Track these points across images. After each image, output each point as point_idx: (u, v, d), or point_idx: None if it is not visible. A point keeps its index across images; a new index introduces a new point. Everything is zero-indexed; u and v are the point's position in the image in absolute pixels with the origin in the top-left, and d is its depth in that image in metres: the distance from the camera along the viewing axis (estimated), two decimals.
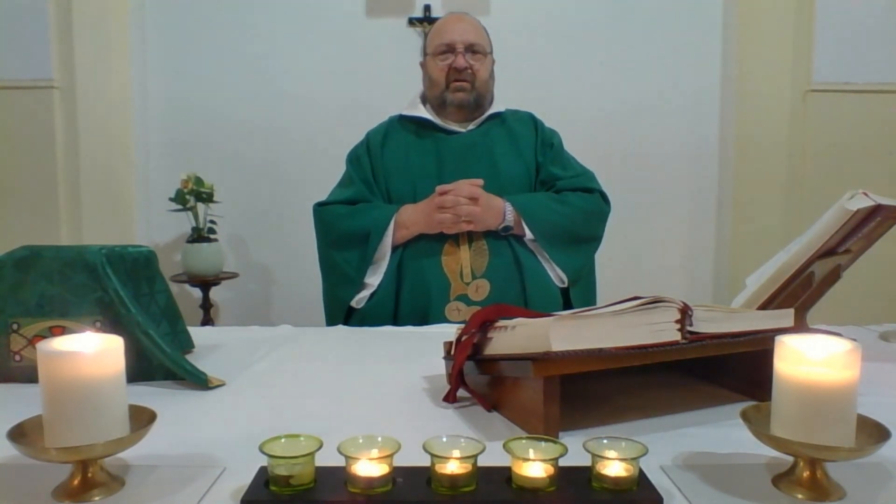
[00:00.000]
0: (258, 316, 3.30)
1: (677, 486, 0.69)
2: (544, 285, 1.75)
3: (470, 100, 1.85)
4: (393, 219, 1.73)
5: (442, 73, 1.84)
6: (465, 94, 1.84)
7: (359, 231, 1.76)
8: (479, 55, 1.85)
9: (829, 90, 2.97)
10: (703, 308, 0.88)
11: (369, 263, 1.75)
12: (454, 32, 1.84)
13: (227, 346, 1.31)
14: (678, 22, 3.24)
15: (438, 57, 1.85)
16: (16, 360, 1.06)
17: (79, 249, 1.08)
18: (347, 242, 1.78)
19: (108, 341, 0.69)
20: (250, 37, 3.23)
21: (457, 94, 1.84)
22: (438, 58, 1.85)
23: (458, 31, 1.84)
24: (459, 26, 1.86)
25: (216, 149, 3.26)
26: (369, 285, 1.75)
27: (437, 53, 1.85)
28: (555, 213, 1.77)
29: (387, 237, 1.73)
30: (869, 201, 1.06)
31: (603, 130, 3.20)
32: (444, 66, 1.83)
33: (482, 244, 1.73)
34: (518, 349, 0.85)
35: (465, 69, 1.82)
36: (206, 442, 0.82)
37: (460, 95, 1.84)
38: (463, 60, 1.81)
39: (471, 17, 1.91)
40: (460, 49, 1.82)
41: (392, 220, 1.73)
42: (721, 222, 3.30)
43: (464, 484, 0.65)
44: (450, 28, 1.87)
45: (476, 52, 1.84)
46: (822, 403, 0.65)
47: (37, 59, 2.74)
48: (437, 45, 1.85)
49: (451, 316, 1.69)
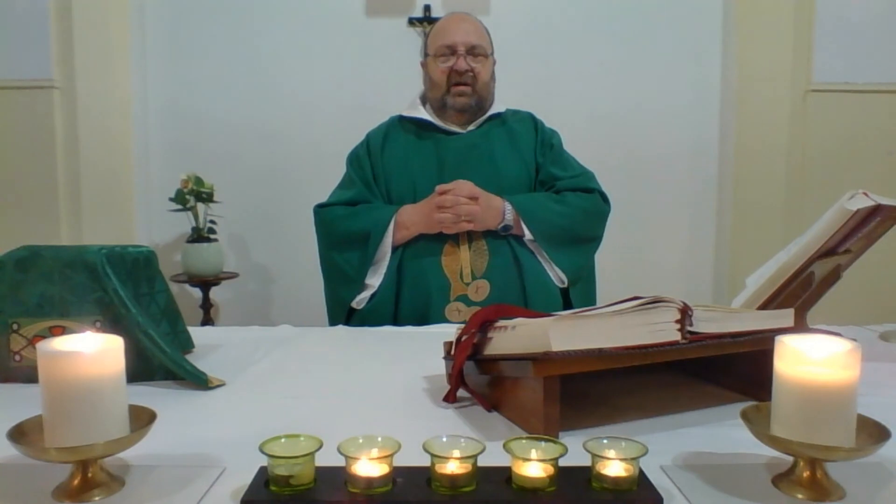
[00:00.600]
0: (258, 316, 3.30)
1: (677, 486, 0.69)
2: (544, 286, 1.75)
3: (471, 103, 1.84)
4: (393, 219, 1.73)
5: (443, 76, 1.83)
6: (466, 98, 1.83)
7: (359, 232, 1.76)
8: (480, 57, 1.84)
9: (829, 90, 2.97)
10: (703, 308, 0.88)
11: (370, 264, 1.75)
12: (455, 34, 1.83)
13: (227, 346, 1.31)
14: (678, 22, 3.24)
15: (439, 58, 1.84)
16: (16, 360, 1.06)
17: (79, 249, 1.08)
18: (348, 243, 1.78)
19: (108, 341, 0.69)
20: (250, 37, 3.23)
21: (458, 98, 1.83)
22: (439, 59, 1.84)
23: (460, 33, 1.83)
24: (461, 27, 1.85)
25: (216, 149, 3.26)
26: (370, 286, 1.75)
27: (439, 55, 1.84)
28: (554, 213, 1.77)
29: (387, 237, 1.73)
30: (869, 201, 1.06)
31: (603, 130, 3.20)
32: (445, 68, 1.83)
33: (482, 245, 1.73)
34: (518, 349, 0.85)
35: (466, 72, 1.81)
36: (206, 442, 0.82)
37: (461, 100, 1.83)
38: (464, 63, 1.81)
39: (472, 18, 1.90)
40: (461, 51, 1.81)
41: (392, 221, 1.73)
42: (721, 222, 3.30)
43: (464, 484, 0.65)
44: (451, 29, 1.86)
45: (477, 55, 1.83)
46: (822, 403, 0.65)
47: (37, 59, 2.75)
48: (439, 47, 1.84)
49: (451, 316, 1.69)
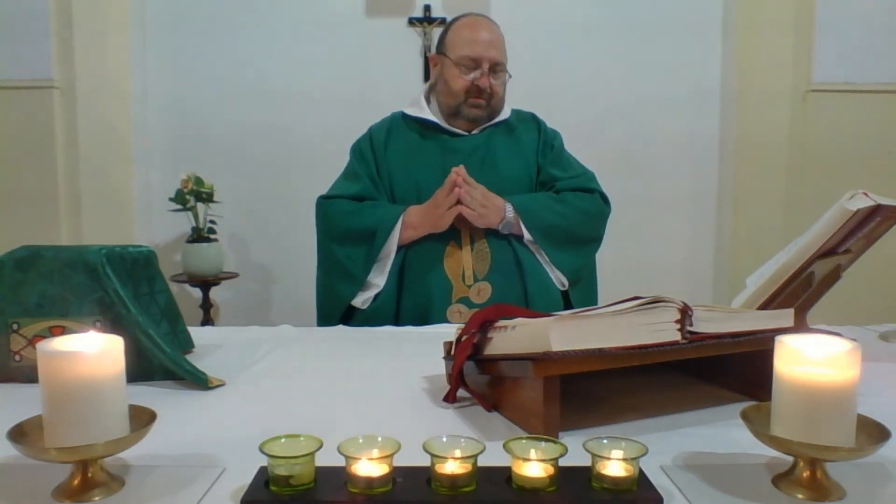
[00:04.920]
0: (258, 316, 3.30)
1: (677, 486, 0.69)
2: (546, 288, 1.75)
3: (484, 115, 1.85)
4: (400, 219, 1.73)
5: (463, 87, 1.81)
6: (480, 110, 1.84)
7: (365, 229, 1.75)
8: (500, 73, 1.83)
9: (829, 90, 2.97)
10: (703, 308, 0.88)
11: (374, 262, 1.74)
12: (482, 46, 1.80)
13: (227, 346, 1.31)
14: (678, 22, 3.24)
15: (461, 67, 1.81)
16: (16, 360, 1.06)
17: (79, 249, 1.08)
18: (352, 239, 1.77)
19: (108, 341, 0.69)
20: (250, 37, 3.23)
21: (473, 110, 1.83)
22: (461, 68, 1.81)
23: (486, 46, 1.80)
24: (487, 39, 1.81)
25: (216, 149, 3.26)
26: (374, 285, 1.74)
27: (461, 64, 1.81)
28: (553, 213, 1.76)
29: (393, 236, 1.72)
30: (869, 201, 1.06)
31: (603, 130, 3.20)
32: (467, 80, 1.80)
33: (484, 247, 1.73)
34: (518, 349, 0.85)
35: (485, 90, 1.81)
36: (206, 442, 0.82)
37: (476, 111, 1.83)
38: (486, 81, 1.80)
39: (496, 28, 1.87)
40: (485, 68, 1.79)
41: (399, 220, 1.73)
42: (721, 222, 3.30)
43: (464, 484, 0.65)
44: (478, 41, 1.81)
45: (498, 72, 1.83)
46: (822, 403, 0.65)
47: (37, 59, 2.75)
48: (462, 57, 1.81)
49: (452, 318, 1.68)
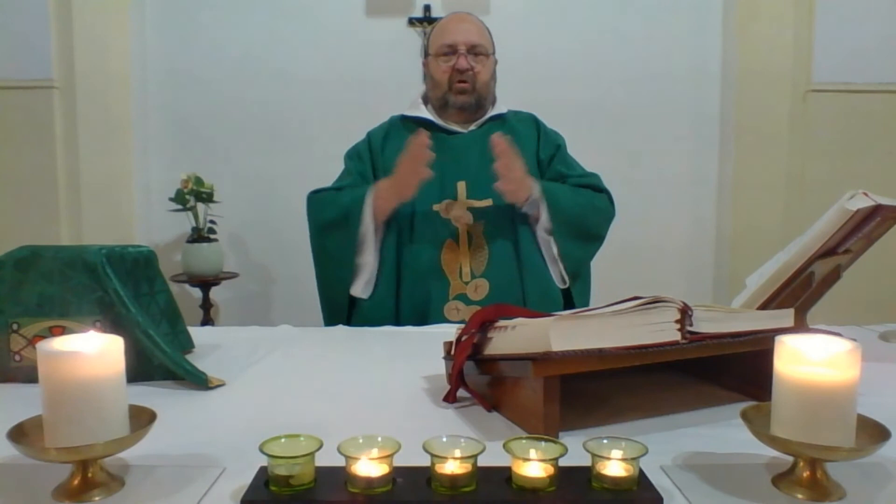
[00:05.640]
0: (258, 316, 3.30)
1: (677, 486, 0.69)
2: (544, 285, 1.75)
3: (471, 101, 1.85)
4: (370, 193, 1.73)
5: (444, 75, 1.83)
6: (466, 96, 1.84)
7: (342, 211, 1.75)
8: (481, 56, 1.84)
9: (829, 90, 2.97)
10: (703, 308, 0.88)
11: (355, 241, 1.74)
12: (456, 33, 1.84)
13: (227, 346, 1.31)
14: (678, 22, 3.24)
15: (441, 58, 1.84)
16: (16, 360, 1.06)
17: (79, 249, 1.08)
18: (334, 225, 1.77)
19: (108, 341, 0.69)
20: (250, 37, 3.23)
21: (459, 96, 1.84)
22: (441, 59, 1.84)
23: (461, 32, 1.84)
24: (462, 27, 1.86)
25: (216, 149, 3.26)
26: (366, 265, 1.74)
27: (440, 54, 1.84)
28: (573, 203, 1.78)
29: (366, 212, 1.72)
30: (869, 201, 1.06)
31: (603, 130, 3.20)
32: (446, 67, 1.83)
33: (482, 243, 1.73)
34: (518, 349, 0.85)
35: (466, 70, 1.81)
36: (206, 442, 0.82)
37: (462, 98, 1.84)
38: (465, 62, 1.81)
39: (473, 18, 1.91)
40: (462, 50, 1.81)
41: (370, 194, 1.73)
42: (721, 222, 3.30)
43: (464, 484, 0.65)
44: (452, 28, 1.86)
45: (478, 54, 1.84)
46: (822, 403, 0.65)
47: (37, 59, 2.75)
48: (440, 46, 1.84)
49: (450, 315, 1.69)
